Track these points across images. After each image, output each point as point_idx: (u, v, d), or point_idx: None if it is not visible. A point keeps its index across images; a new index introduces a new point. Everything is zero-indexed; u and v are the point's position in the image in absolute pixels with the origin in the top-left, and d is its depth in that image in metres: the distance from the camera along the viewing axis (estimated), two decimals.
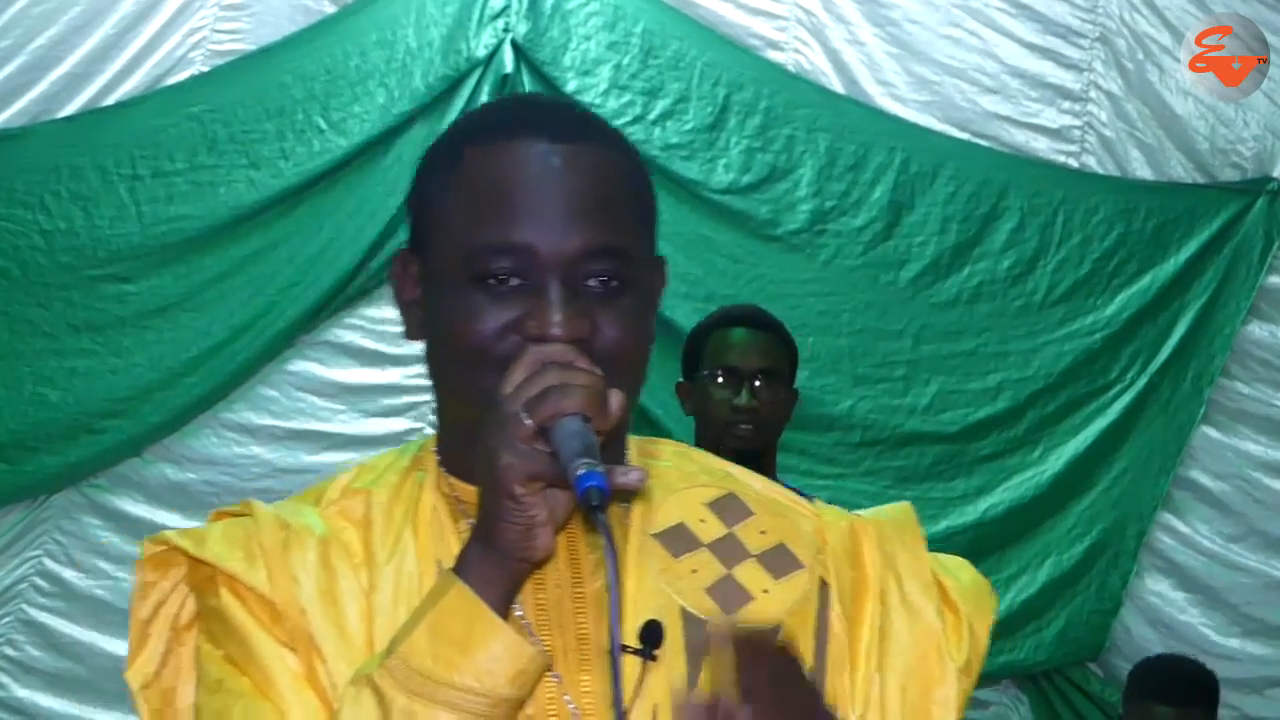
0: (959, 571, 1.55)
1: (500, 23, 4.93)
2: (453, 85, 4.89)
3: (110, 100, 4.91)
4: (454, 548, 1.44)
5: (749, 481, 1.56)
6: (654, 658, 1.40)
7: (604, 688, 1.42)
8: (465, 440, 1.45)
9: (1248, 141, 5.16)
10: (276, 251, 4.84)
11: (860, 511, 1.56)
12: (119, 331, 4.78)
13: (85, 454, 4.77)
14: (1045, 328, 5.02)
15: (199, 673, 1.46)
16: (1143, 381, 5.03)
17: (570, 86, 4.92)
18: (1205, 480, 5.05)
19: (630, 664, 1.40)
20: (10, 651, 4.82)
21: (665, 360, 4.31)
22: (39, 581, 4.84)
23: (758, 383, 3.27)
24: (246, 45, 4.98)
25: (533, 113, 1.49)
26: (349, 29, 4.93)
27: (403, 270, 1.50)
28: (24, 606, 4.83)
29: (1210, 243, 5.11)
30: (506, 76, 4.90)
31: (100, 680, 4.77)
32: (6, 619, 4.83)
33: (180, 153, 4.84)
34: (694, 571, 1.46)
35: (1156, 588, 5.06)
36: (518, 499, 1.33)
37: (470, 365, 1.41)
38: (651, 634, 1.40)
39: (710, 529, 1.49)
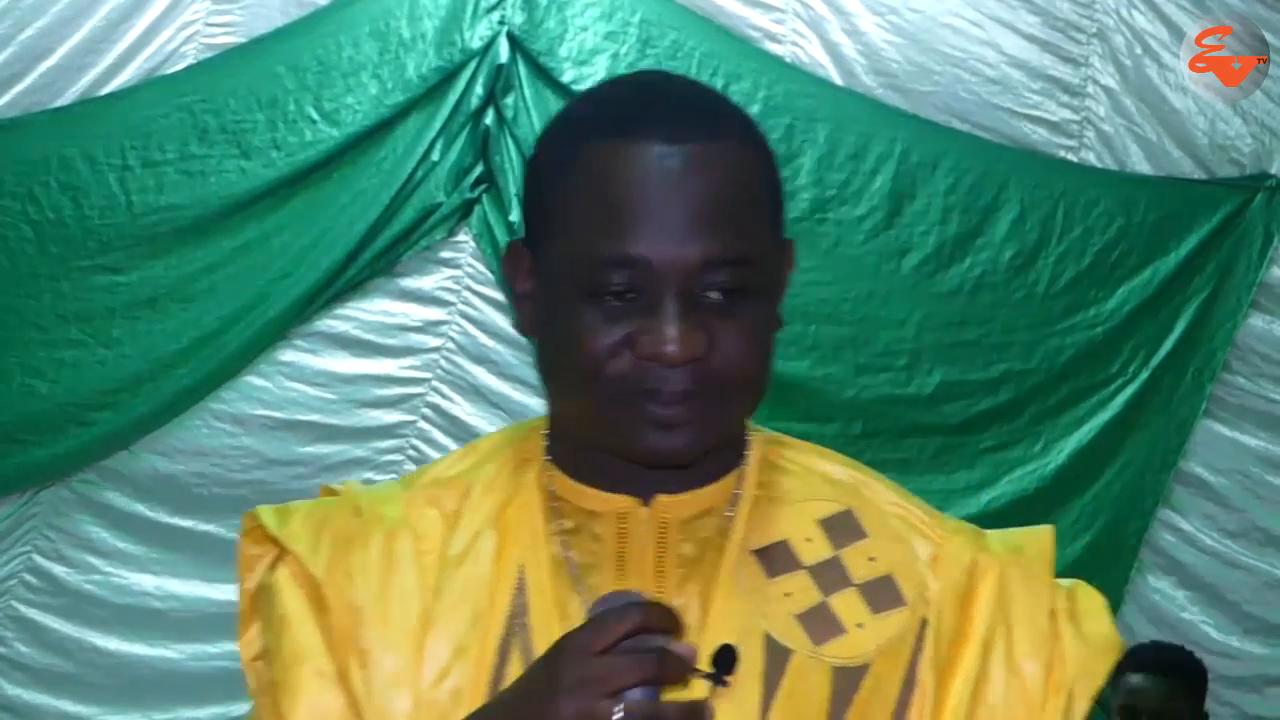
0: (1087, 616, 1.44)
1: (496, 14, 4.91)
2: (447, 77, 4.86)
3: (102, 93, 4.88)
4: (542, 553, 1.39)
5: (877, 495, 1.46)
6: (725, 683, 1.32)
7: None
8: (573, 439, 1.42)
9: (1246, 138, 5.16)
10: (268, 242, 4.80)
11: (995, 533, 1.46)
12: (108, 322, 4.74)
13: (74, 445, 4.72)
14: (1047, 320, 5.00)
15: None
16: (1144, 375, 5.01)
17: (567, 77, 4.90)
18: (1206, 475, 5.03)
19: (700, 689, 1.32)
20: None
21: None
22: (28, 578, 4.80)
23: None
24: (239, 38, 4.94)
25: (654, 107, 1.38)
26: (342, 20, 4.90)
27: (515, 263, 1.43)
28: (13, 603, 4.79)
29: (1210, 238, 5.09)
30: (501, 67, 4.87)
31: (89, 676, 4.75)
32: None
33: (171, 143, 4.80)
34: (787, 595, 1.38)
35: (1157, 585, 5.04)
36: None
37: (581, 381, 1.35)
38: (725, 659, 1.32)
39: (815, 550, 1.40)
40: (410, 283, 4.91)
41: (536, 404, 4.86)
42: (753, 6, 5.08)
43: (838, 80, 5.06)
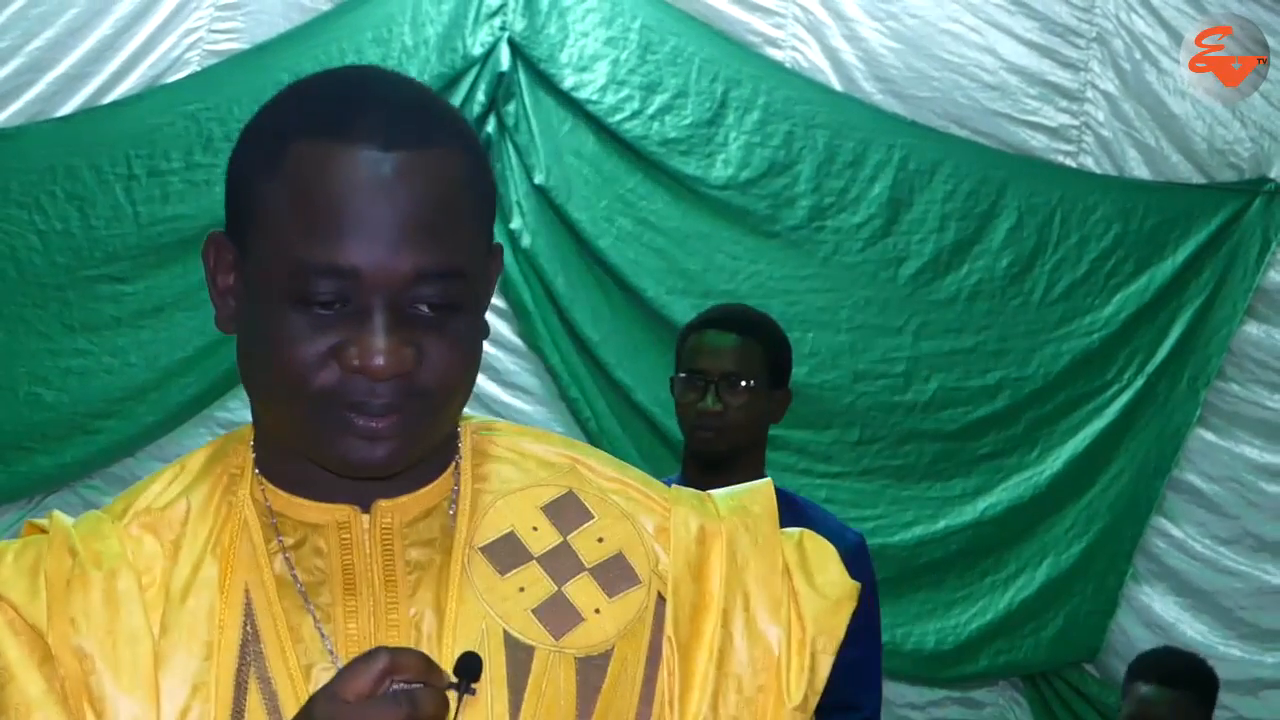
0: (821, 569, 1.40)
1: (497, 20, 4.92)
2: (449, 84, 4.86)
3: (107, 100, 4.91)
4: (266, 573, 1.34)
5: (595, 472, 1.41)
6: (472, 691, 1.27)
7: None
8: (282, 449, 1.35)
9: (1245, 142, 5.15)
10: None
11: (719, 494, 1.42)
12: (114, 331, 4.77)
13: (80, 454, 4.76)
14: (1043, 327, 5.01)
15: None
16: (1140, 382, 5.02)
17: (568, 83, 4.93)
18: (1200, 483, 5.04)
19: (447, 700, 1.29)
20: None
21: (664, 354, 4.32)
22: None
23: (722, 386, 3.25)
24: (242, 45, 4.97)
25: (367, 108, 1.31)
26: (345, 27, 4.92)
27: (217, 255, 1.36)
28: None
29: (1208, 243, 5.10)
30: (503, 74, 4.89)
31: None
32: None
33: (176, 152, 4.83)
34: (521, 590, 1.34)
35: (1151, 591, 5.05)
36: None
37: (285, 390, 1.30)
38: (468, 667, 1.27)
39: (543, 538, 1.35)
40: None
41: (536, 411, 4.89)
42: (753, 12, 5.09)
43: (837, 86, 5.08)
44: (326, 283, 1.28)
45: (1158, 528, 5.04)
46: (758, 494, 1.42)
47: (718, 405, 3.22)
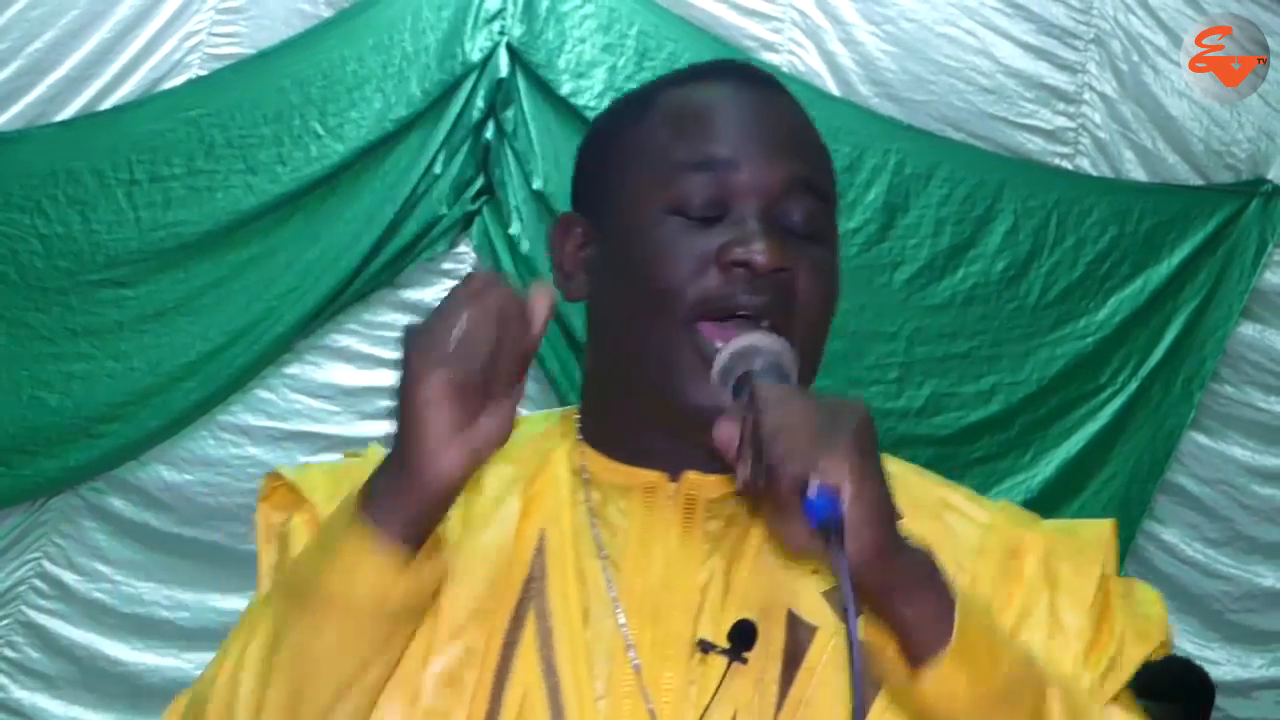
0: (1143, 601, 1.43)
1: (496, 25, 4.93)
2: (448, 90, 4.89)
3: (107, 103, 4.92)
4: (566, 522, 1.40)
5: (915, 479, 1.44)
6: (743, 660, 1.31)
7: (684, 685, 1.33)
8: (608, 414, 1.41)
9: (1242, 143, 5.15)
10: (274, 257, 4.84)
11: (1058, 521, 1.46)
12: (117, 336, 4.79)
13: (84, 458, 4.78)
14: (1038, 331, 5.03)
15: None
16: (1134, 385, 5.04)
17: (565, 89, 4.94)
18: (1190, 485, 5.05)
19: (717, 665, 1.32)
20: (9, 653, 4.85)
21: None
22: (38, 584, 4.86)
23: None
24: (243, 49, 4.98)
25: (726, 64, 1.44)
26: (346, 33, 4.94)
27: (565, 232, 1.44)
28: (23, 608, 4.85)
29: (1204, 245, 5.11)
30: (501, 81, 4.91)
31: (97, 682, 4.81)
32: (6, 621, 4.85)
33: (177, 157, 4.84)
34: (815, 573, 1.36)
35: None
36: (421, 405, 1.25)
37: (658, 306, 1.33)
38: (742, 634, 1.31)
39: None
40: (412, 294, 4.96)
41: (531, 414, 4.91)
42: (750, 16, 5.10)
43: (834, 89, 5.08)
44: (702, 180, 1.33)
45: (1147, 531, 5.05)
46: (1093, 524, 1.46)
47: None
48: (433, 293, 4.98)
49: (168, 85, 4.95)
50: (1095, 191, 5.12)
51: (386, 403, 4.63)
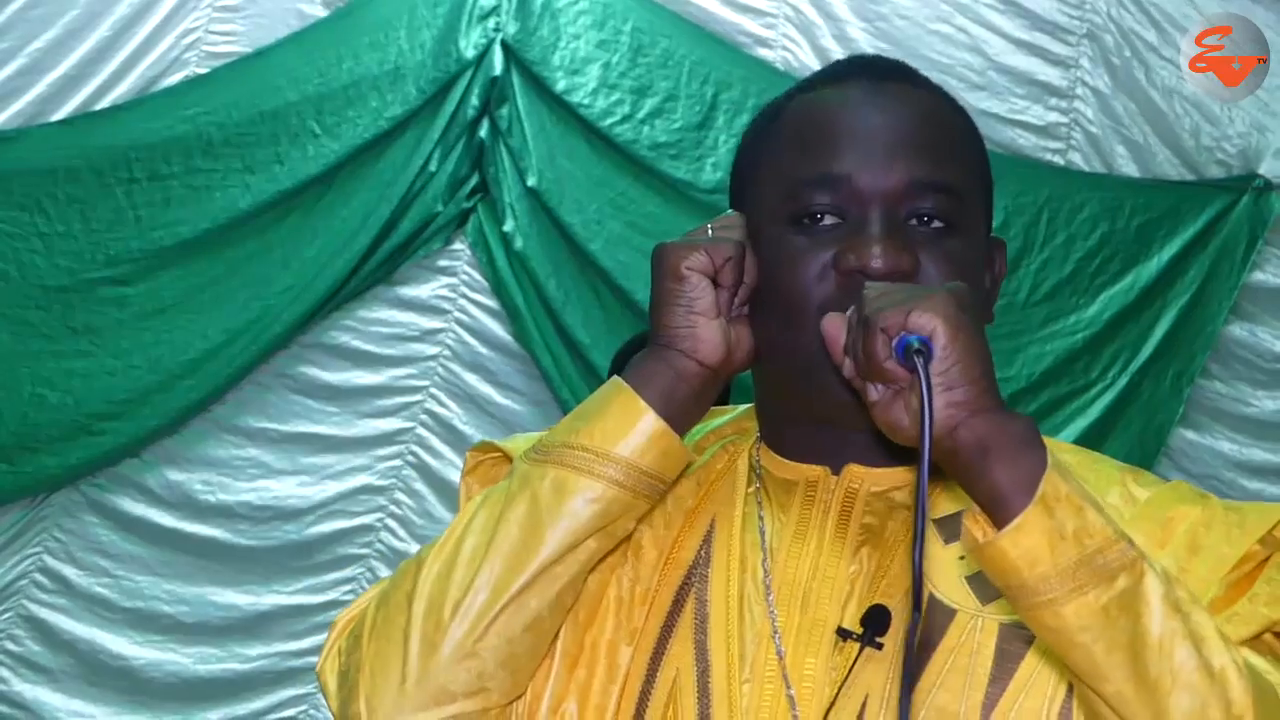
0: None
1: (490, 23, 4.94)
2: (443, 88, 4.91)
3: (105, 101, 4.94)
4: (735, 510, 1.45)
5: (1090, 463, 1.44)
6: (878, 645, 1.34)
7: (824, 672, 1.36)
8: (777, 416, 1.46)
9: (1233, 138, 5.14)
10: (272, 255, 4.87)
11: (1233, 501, 1.44)
12: (117, 334, 4.81)
13: (84, 455, 4.80)
14: (1028, 327, 5.03)
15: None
16: (1124, 381, 5.04)
17: (559, 86, 4.95)
18: (1180, 479, 5.04)
19: (851, 650, 1.36)
20: (11, 646, 4.88)
21: None
22: (40, 578, 4.89)
23: None
24: (241, 47, 5.00)
25: (856, 64, 1.48)
26: (342, 31, 4.95)
27: None
28: (25, 602, 4.88)
29: (1194, 240, 5.10)
30: (496, 78, 4.93)
31: (98, 675, 4.84)
32: (8, 615, 4.89)
33: (176, 156, 4.86)
34: (960, 559, 1.38)
35: None
36: (681, 279, 1.35)
37: (790, 317, 1.38)
38: (875, 620, 1.34)
39: None
40: (408, 291, 4.99)
41: (525, 411, 4.93)
42: (743, 13, 5.11)
43: None
44: (821, 194, 1.37)
45: None
46: (1265, 506, 1.43)
47: None
48: (428, 290, 5.00)
49: (165, 83, 4.97)
50: (1086, 188, 5.11)
51: (382, 400, 4.64)
